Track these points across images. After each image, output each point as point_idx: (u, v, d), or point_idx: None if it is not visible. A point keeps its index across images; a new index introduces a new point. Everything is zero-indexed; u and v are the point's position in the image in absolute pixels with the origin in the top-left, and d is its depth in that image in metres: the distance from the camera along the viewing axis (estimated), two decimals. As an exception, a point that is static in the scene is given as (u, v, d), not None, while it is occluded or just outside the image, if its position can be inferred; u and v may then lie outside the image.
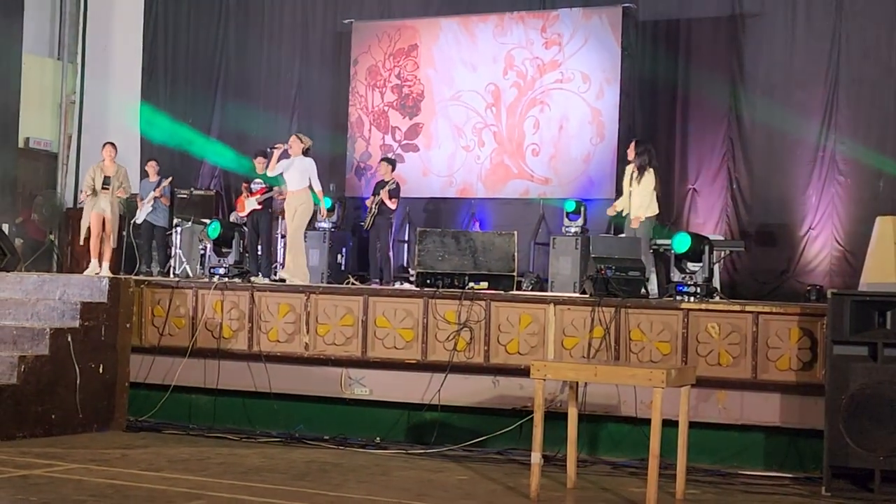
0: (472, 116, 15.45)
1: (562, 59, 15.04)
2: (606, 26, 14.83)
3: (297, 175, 12.44)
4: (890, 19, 13.63)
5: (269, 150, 13.07)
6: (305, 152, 12.54)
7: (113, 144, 13.91)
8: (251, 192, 14.60)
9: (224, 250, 11.36)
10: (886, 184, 13.52)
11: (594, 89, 14.85)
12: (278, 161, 12.49)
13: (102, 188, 13.49)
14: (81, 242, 13.84)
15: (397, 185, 14.57)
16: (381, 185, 14.63)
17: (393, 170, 14.70)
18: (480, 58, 15.50)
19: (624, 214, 12.21)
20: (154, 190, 15.09)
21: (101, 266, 13.41)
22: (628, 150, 12.38)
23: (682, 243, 9.79)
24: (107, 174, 13.54)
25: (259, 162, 14.74)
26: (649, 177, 12.04)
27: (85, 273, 12.91)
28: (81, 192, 13.77)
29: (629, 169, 12.26)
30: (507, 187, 15.24)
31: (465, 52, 15.59)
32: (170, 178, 15.20)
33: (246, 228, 13.69)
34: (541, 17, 15.26)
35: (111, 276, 12.34)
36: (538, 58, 15.17)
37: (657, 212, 12.15)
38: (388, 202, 14.36)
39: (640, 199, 12.01)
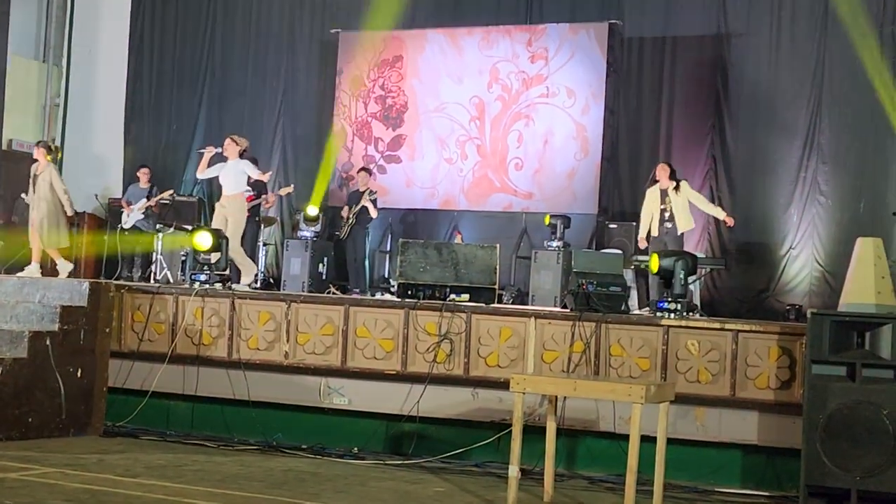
0: (456, 129, 15.48)
1: (547, 74, 15.08)
2: (593, 42, 14.87)
3: (232, 179, 12.17)
4: (873, 38, 13.67)
5: (198, 151, 12.80)
6: (241, 154, 12.27)
7: (40, 144, 13.60)
8: (236, 200, 14.54)
9: (204, 257, 11.27)
10: (866, 205, 13.58)
11: (579, 104, 14.89)
12: (209, 164, 12.24)
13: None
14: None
15: (376, 194, 14.60)
16: (356, 195, 14.64)
17: (371, 179, 14.73)
18: (466, 70, 15.53)
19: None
20: (147, 198, 15.06)
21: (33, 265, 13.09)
22: (659, 173, 12.38)
23: (655, 263, 9.83)
24: (36, 174, 13.24)
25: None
26: (686, 186, 12.31)
27: (22, 274, 12.60)
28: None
29: (655, 191, 12.29)
30: (490, 200, 15.26)
31: (451, 64, 15.62)
32: (171, 191, 15.16)
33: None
34: (527, 31, 15.30)
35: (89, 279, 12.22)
36: (523, 72, 15.21)
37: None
38: (372, 211, 14.37)
39: (685, 211, 12.18)
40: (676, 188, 12.27)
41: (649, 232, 12.45)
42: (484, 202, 15.27)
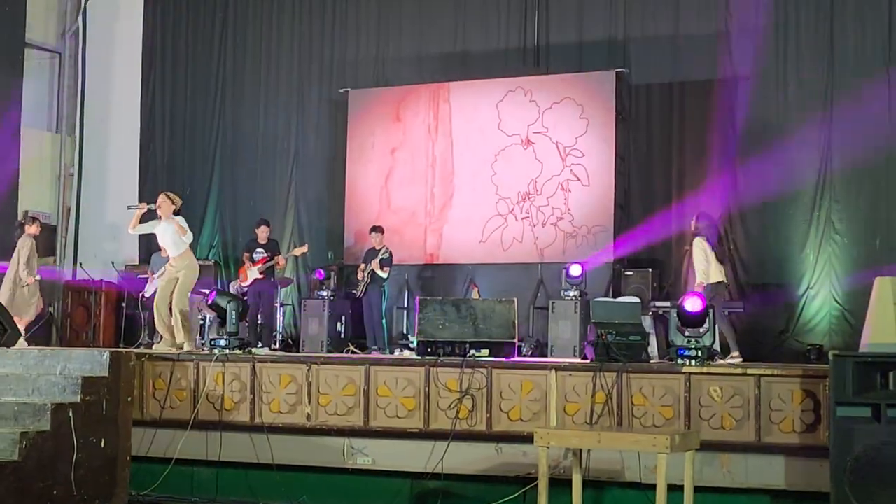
0: (471, 183, 15.50)
1: (560, 124, 15.11)
2: (601, 90, 14.94)
3: (170, 239, 11.99)
4: (881, 76, 13.75)
5: (128, 207, 12.51)
6: (176, 213, 12.02)
7: (36, 219, 14.08)
8: (253, 262, 14.63)
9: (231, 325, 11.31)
10: (882, 241, 13.56)
11: (590, 153, 14.93)
12: (141, 220, 12.03)
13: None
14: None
15: (390, 253, 14.64)
16: (371, 253, 14.69)
17: (383, 237, 14.78)
18: (477, 123, 15.58)
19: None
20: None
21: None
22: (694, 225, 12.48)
23: (694, 304, 9.83)
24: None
25: (261, 231, 14.80)
26: (697, 243, 12.20)
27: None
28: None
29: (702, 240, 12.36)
30: (506, 253, 15.26)
31: (464, 118, 15.68)
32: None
33: (246, 298, 13.70)
34: (535, 81, 15.35)
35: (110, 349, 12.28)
36: (535, 122, 15.26)
37: (718, 279, 12.17)
38: (379, 271, 14.43)
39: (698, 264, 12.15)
40: (697, 241, 12.21)
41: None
42: (500, 254, 15.28)
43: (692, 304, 9.90)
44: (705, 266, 12.00)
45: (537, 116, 15.31)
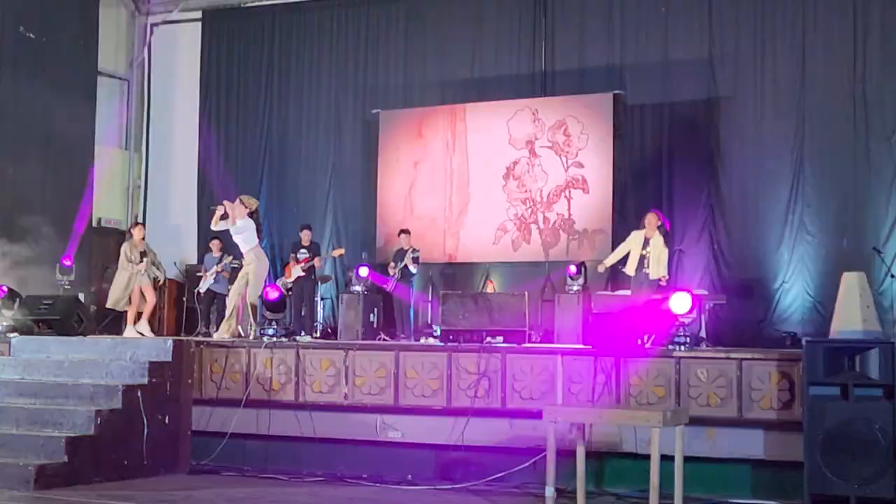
0: (488, 192, 15.49)
1: (564, 139, 15.09)
2: (600, 110, 14.91)
3: (241, 237, 11.92)
4: (847, 96, 13.68)
5: (210, 207, 12.48)
6: (250, 215, 11.97)
7: (142, 224, 14.05)
8: (297, 261, 14.70)
9: (272, 315, 11.30)
10: (849, 241, 13.49)
11: (592, 165, 14.91)
12: (221, 218, 11.91)
13: (140, 262, 13.51)
14: (113, 305, 13.73)
15: (418, 252, 14.67)
16: (400, 253, 14.71)
17: (410, 238, 14.80)
18: (490, 141, 15.55)
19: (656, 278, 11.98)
20: (217, 265, 15.18)
21: (136, 325, 13.31)
22: (647, 220, 12.11)
23: (682, 304, 9.76)
24: (140, 250, 13.55)
25: (304, 234, 14.85)
26: (660, 241, 11.92)
27: (125, 335, 12.84)
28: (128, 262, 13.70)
29: (640, 236, 12.11)
30: (516, 253, 15.26)
31: (478, 135, 15.66)
32: (231, 257, 15.24)
33: (292, 293, 13.73)
34: (543, 102, 15.33)
35: (152, 335, 12.31)
36: (543, 138, 15.24)
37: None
38: (411, 267, 14.46)
39: (659, 262, 11.89)
40: (658, 238, 11.90)
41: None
42: (511, 254, 15.27)
43: (680, 306, 9.80)
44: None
45: (543, 133, 15.29)
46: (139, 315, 13.46)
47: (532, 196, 15.33)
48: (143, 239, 13.75)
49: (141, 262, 13.43)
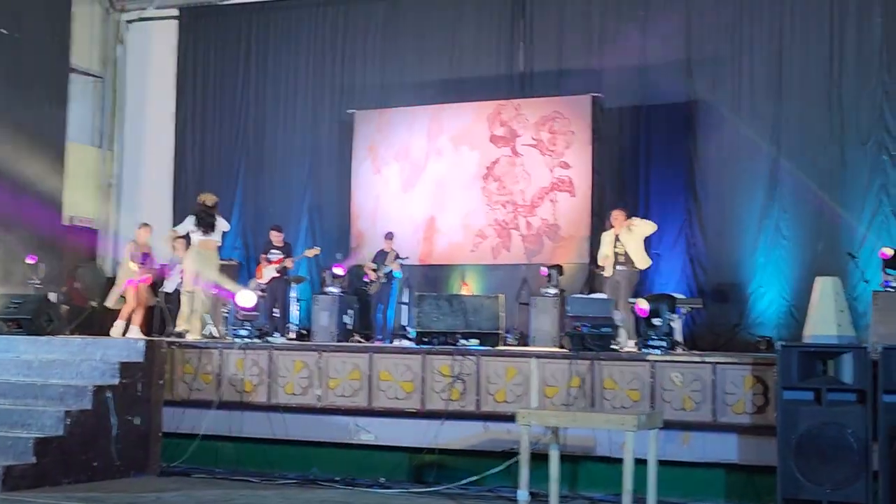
0: (464, 192, 15.46)
1: (544, 141, 15.05)
2: (578, 112, 14.90)
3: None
4: (823, 101, 13.76)
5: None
6: (197, 214, 12.53)
7: (148, 225, 14.00)
8: (269, 262, 14.62)
9: (244, 314, 11.25)
10: (824, 246, 13.57)
11: (571, 167, 14.89)
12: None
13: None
14: (111, 304, 13.73)
15: (407, 258, 14.69)
16: (382, 255, 14.68)
17: (393, 242, 14.77)
18: (470, 140, 15.52)
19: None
20: (180, 265, 15.01)
21: (128, 328, 13.32)
22: (616, 217, 12.26)
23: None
24: (144, 252, 13.56)
25: (274, 235, 14.78)
26: (639, 225, 12.05)
27: (112, 333, 12.82)
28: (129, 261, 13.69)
29: (609, 235, 12.18)
30: (489, 242, 15.21)
31: (457, 135, 15.64)
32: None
33: (265, 294, 13.67)
34: (522, 103, 15.29)
35: (145, 337, 12.31)
36: (521, 139, 15.21)
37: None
38: (396, 271, 14.53)
39: (639, 252, 12.00)
40: (629, 228, 12.04)
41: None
42: (489, 256, 15.24)
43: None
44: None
45: (527, 129, 15.21)
46: (130, 317, 13.44)
47: (514, 199, 15.22)
48: (148, 240, 13.71)
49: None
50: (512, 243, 15.15)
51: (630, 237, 12.16)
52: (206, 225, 12.41)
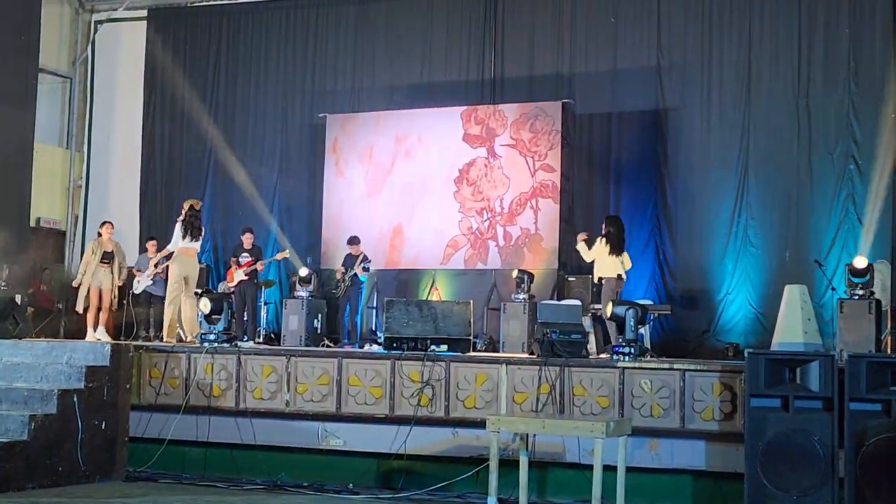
0: (434, 198, 15.42)
1: (525, 141, 15.02)
2: (548, 118, 14.91)
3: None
4: (791, 110, 13.86)
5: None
6: (184, 221, 12.42)
7: (111, 223, 13.84)
8: (239, 265, 14.54)
9: (214, 317, 11.17)
10: (792, 254, 13.66)
11: (539, 173, 14.90)
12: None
13: (102, 262, 13.40)
14: (80, 311, 13.63)
15: (369, 259, 14.61)
16: (350, 259, 14.64)
17: (359, 246, 14.72)
18: (441, 149, 15.47)
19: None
20: (155, 266, 14.91)
21: (96, 331, 13.24)
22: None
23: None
24: (105, 250, 13.46)
25: (246, 238, 14.70)
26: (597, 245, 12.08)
27: (86, 340, 12.75)
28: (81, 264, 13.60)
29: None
30: (462, 253, 15.18)
31: (429, 144, 15.59)
32: (165, 250, 15.04)
33: (233, 298, 13.58)
34: (491, 109, 15.28)
35: (111, 340, 12.21)
36: (490, 146, 15.20)
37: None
38: (361, 275, 14.43)
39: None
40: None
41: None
42: (457, 255, 15.19)
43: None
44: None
45: (505, 128, 15.15)
46: (97, 319, 13.33)
47: (490, 205, 15.16)
48: (111, 238, 13.57)
49: (105, 262, 13.30)
50: (489, 256, 14.94)
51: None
52: (195, 229, 12.35)
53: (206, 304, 10.99)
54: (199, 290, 14.32)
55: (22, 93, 16.20)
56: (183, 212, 12.41)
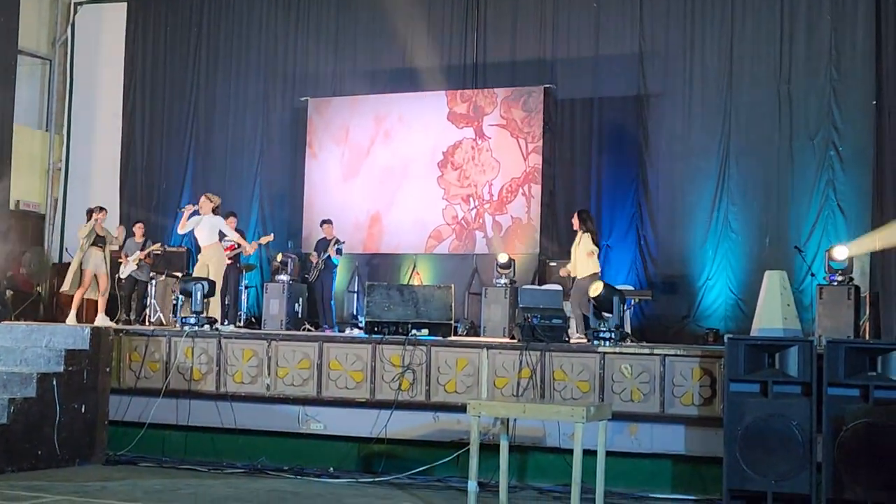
0: (416, 181, 15.39)
1: (496, 131, 15.02)
2: (531, 103, 14.89)
3: (206, 232, 12.19)
4: (773, 96, 13.89)
5: (179, 210, 12.94)
6: (214, 211, 12.31)
7: (105, 209, 13.80)
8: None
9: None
10: (772, 240, 13.71)
11: (521, 158, 14.89)
12: (188, 219, 12.27)
13: (96, 246, 13.34)
14: (68, 289, 13.53)
15: (342, 242, 14.58)
16: (323, 242, 14.61)
17: (333, 228, 14.69)
18: (424, 130, 15.44)
19: (572, 276, 11.85)
20: (140, 251, 14.86)
21: (96, 317, 13.21)
22: (573, 220, 11.99)
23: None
24: (99, 234, 13.41)
25: (229, 222, 14.61)
26: (585, 239, 11.71)
27: (67, 323, 12.67)
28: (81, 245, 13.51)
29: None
30: (446, 244, 15.17)
31: (411, 124, 15.56)
32: (159, 244, 15.00)
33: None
34: (474, 94, 15.26)
35: (114, 325, 12.17)
36: (473, 130, 15.17)
37: (594, 271, 11.49)
38: (335, 257, 14.40)
39: (578, 260, 11.68)
40: (578, 238, 11.58)
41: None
42: (441, 246, 15.19)
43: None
44: (585, 260, 11.47)
45: (494, 106, 15.04)
46: (84, 302, 13.26)
47: (478, 192, 15.04)
48: (102, 223, 13.52)
49: (99, 246, 13.23)
50: (476, 246, 14.69)
51: (577, 246, 11.77)
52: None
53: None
54: (179, 274, 14.31)
55: (1, 75, 16.10)
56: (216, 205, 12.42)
